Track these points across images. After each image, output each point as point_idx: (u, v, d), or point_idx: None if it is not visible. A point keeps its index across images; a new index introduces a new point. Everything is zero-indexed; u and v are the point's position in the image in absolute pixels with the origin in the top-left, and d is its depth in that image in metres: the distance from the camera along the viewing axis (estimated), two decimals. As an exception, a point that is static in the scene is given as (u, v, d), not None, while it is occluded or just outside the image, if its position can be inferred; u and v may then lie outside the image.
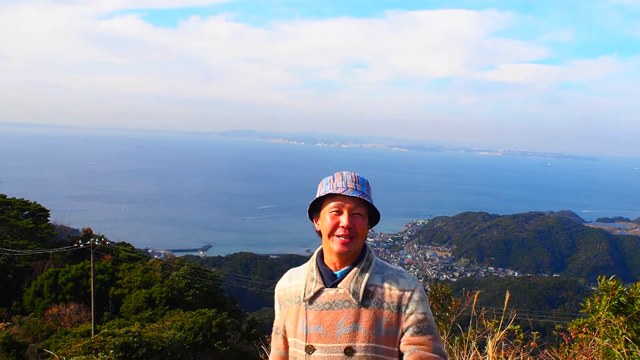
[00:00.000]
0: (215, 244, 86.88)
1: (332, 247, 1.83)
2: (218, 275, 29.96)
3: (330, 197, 1.84)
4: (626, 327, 3.87)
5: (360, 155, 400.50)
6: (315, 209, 1.91)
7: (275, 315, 2.00)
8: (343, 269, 1.86)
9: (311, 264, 1.92)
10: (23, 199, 30.01)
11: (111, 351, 8.73)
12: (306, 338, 1.81)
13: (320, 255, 1.92)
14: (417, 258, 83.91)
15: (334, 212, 1.83)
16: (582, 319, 4.25)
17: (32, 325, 16.62)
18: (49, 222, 30.61)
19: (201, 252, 77.99)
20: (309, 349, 1.80)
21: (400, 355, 1.81)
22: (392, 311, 1.79)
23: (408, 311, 1.79)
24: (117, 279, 21.94)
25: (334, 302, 1.82)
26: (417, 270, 76.44)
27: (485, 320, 4.03)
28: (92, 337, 11.36)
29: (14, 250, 23.14)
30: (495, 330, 3.82)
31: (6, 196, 29.44)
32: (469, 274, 74.56)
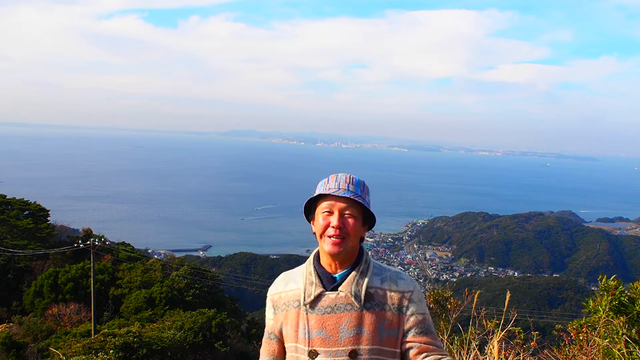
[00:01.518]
0: (215, 244, 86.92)
1: (324, 248, 1.85)
2: (218, 275, 29.93)
3: (323, 197, 1.86)
4: (626, 327, 3.86)
5: (360, 156, 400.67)
6: (310, 211, 1.93)
7: (267, 320, 1.97)
8: (342, 272, 1.86)
9: (308, 267, 1.91)
10: (23, 199, 30.01)
11: (111, 351, 8.73)
12: (309, 343, 1.80)
13: (317, 257, 1.92)
14: (417, 258, 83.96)
15: (326, 213, 1.84)
16: (583, 318, 4.25)
17: (32, 325, 16.60)
18: (49, 222, 30.61)
19: (201, 252, 78.06)
20: (312, 354, 1.79)
21: (402, 355, 1.85)
22: (393, 313, 1.83)
23: (409, 312, 1.84)
24: (117, 279, 21.92)
25: (335, 305, 1.81)
26: (417, 270, 76.50)
27: (486, 321, 4.03)
28: (92, 337, 11.36)
29: (14, 250, 23.12)
30: (495, 331, 3.82)
31: (6, 196, 29.44)
32: (469, 274, 74.63)
